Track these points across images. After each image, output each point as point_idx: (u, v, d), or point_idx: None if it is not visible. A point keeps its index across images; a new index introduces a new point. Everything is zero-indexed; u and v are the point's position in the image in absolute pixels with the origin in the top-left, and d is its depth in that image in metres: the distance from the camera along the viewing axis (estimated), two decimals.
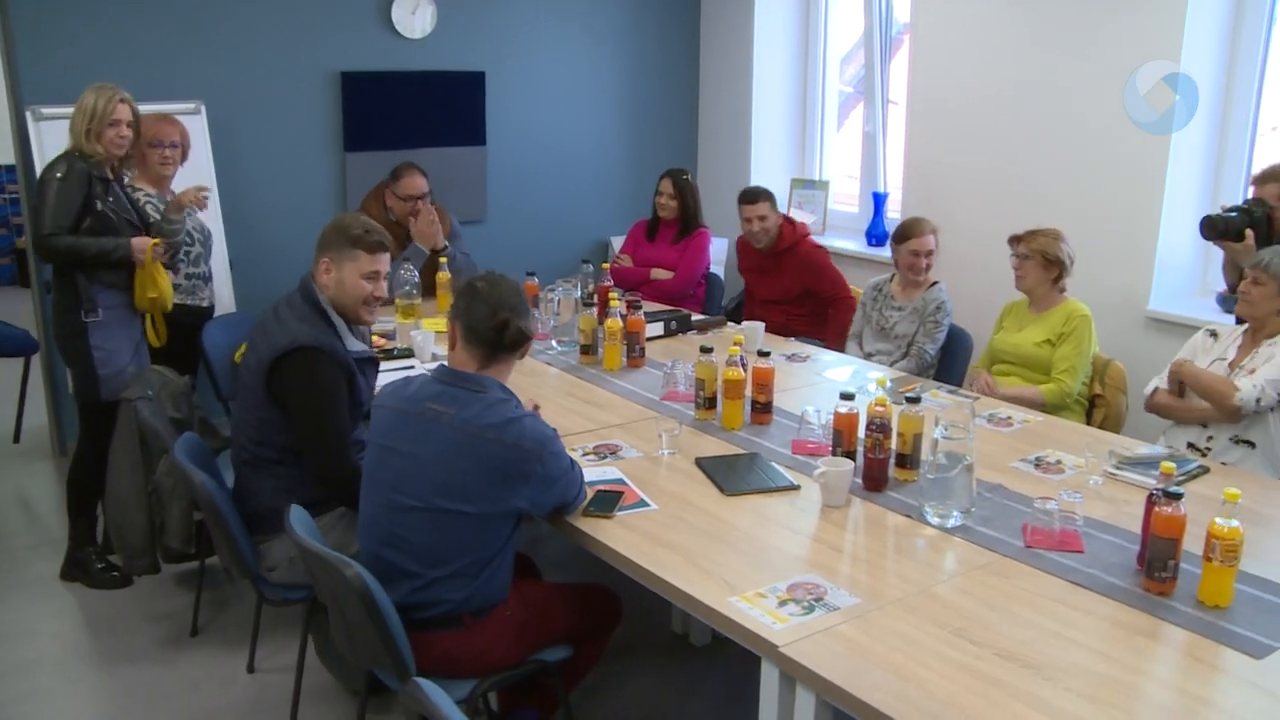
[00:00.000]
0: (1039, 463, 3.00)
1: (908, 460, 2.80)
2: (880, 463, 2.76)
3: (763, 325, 4.24)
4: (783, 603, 2.19)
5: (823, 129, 6.47)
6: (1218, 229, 3.59)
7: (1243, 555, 2.17)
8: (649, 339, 4.05)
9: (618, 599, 2.84)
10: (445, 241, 4.85)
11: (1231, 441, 3.30)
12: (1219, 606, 2.17)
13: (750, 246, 5.00)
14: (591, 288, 4.61)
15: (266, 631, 3.47)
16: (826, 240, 5.94)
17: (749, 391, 3.28)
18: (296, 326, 2.91)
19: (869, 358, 4.34)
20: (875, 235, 5.85)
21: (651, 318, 4.26)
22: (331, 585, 2.41)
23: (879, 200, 5.88)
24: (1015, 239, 3.92)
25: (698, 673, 3.45)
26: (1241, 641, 2.05)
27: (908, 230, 4.31)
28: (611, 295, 4.02)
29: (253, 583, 3.01)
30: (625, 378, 3.80)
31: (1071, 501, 2.52)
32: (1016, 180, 4.96)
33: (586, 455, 3.02)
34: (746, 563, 2.39)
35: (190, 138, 4.27)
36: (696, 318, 4.63)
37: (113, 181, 3.77)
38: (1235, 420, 3.28)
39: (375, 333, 4.26)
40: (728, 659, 3.47)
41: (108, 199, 3.70)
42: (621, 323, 3.89)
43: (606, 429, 3.27)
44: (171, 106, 4.57)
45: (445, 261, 4.70)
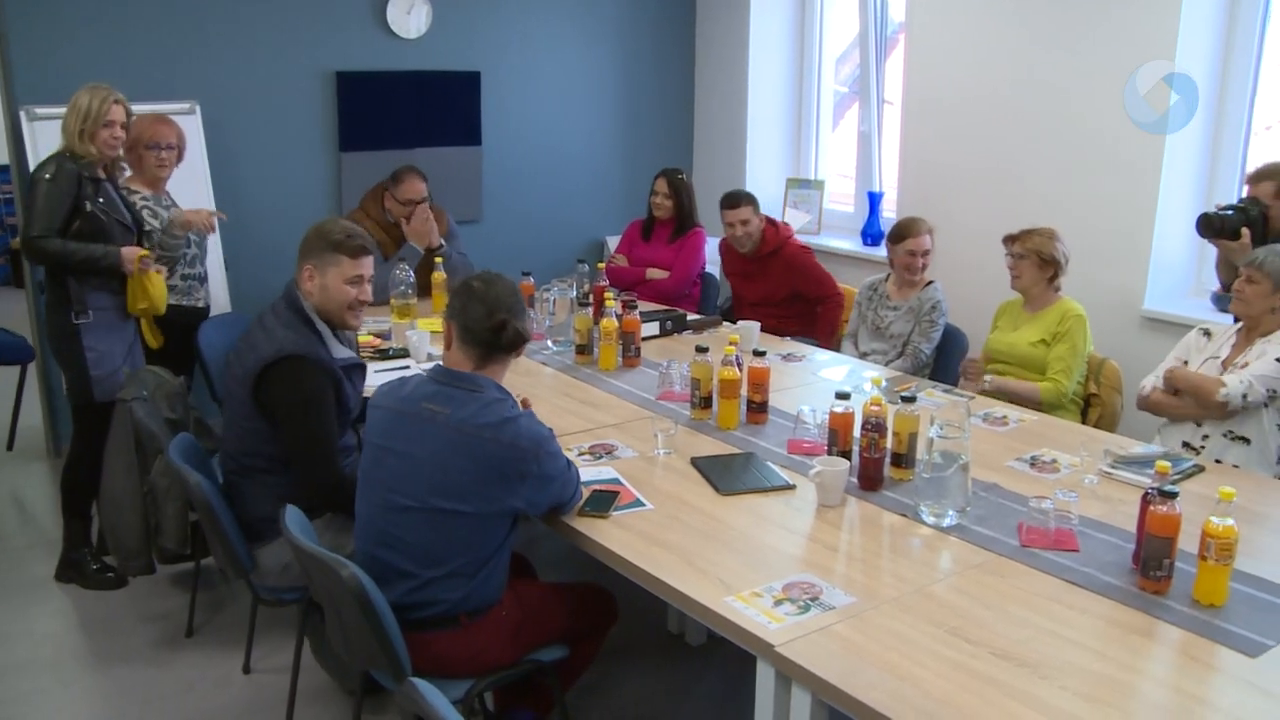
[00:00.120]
0: (1034, 462, 3.00)
1: (903, 459, 2.80)
2: (876, 462, 2.76)
3: (758, 325, 4.24)
4: (778, 602, 2.19)
5: (818, 128, 6.47)
6: (1214, 227, 3.60)
7: (1238, 554, 2.18)
8: (644, 339, 4.05)
9: (613, 599, 2.84)
10: (440, 240, 4.85)
11: (1226, 438, 3.30)
12: (1214, 605, 2.17)
13: (734, 250, 4.99)
14: (587, 287, 4.61)
15: (262, 632, 3.47)
16: (822, 240, 5.95)
17: (744, 391, 3.28)
18: (282, 335, 2.90)
19: (864, 357, 4.35)
20: (870, 235, 5.85)
21: (647, 317, 4.26)
22: (327, 585, 2.41)
23: (874, 200, 5.89)
24: (1010, 238, 3.92)
25: (693, 672, 3.45)
26: (1236, 640, 2.05)
27: (904, 230, 4.32)
28: (607, 295, 4.02)
29: (248, 583, 3.01)
30: (621, 377, 3.80)
31: (1067, 500, 2.53)
32: (1011, 179, 4.96)
33: (582, 455, 3.02)
34: (742, 562, 2.39)
35: (186, 139, 4.26)
36: (692, 317, 4.63)
37: (104, 182, 3.75)
38: (1225, 416, 3.29)
39: (371, 333, 4.26)
40: (723, 658, 3.47)
41: (98, 200, 3.68)
42: (617, 322, 3.88)
43: (602, 429, 3.27)
44: (166, 106, 4.56)
45: (440, 261, 4.70)
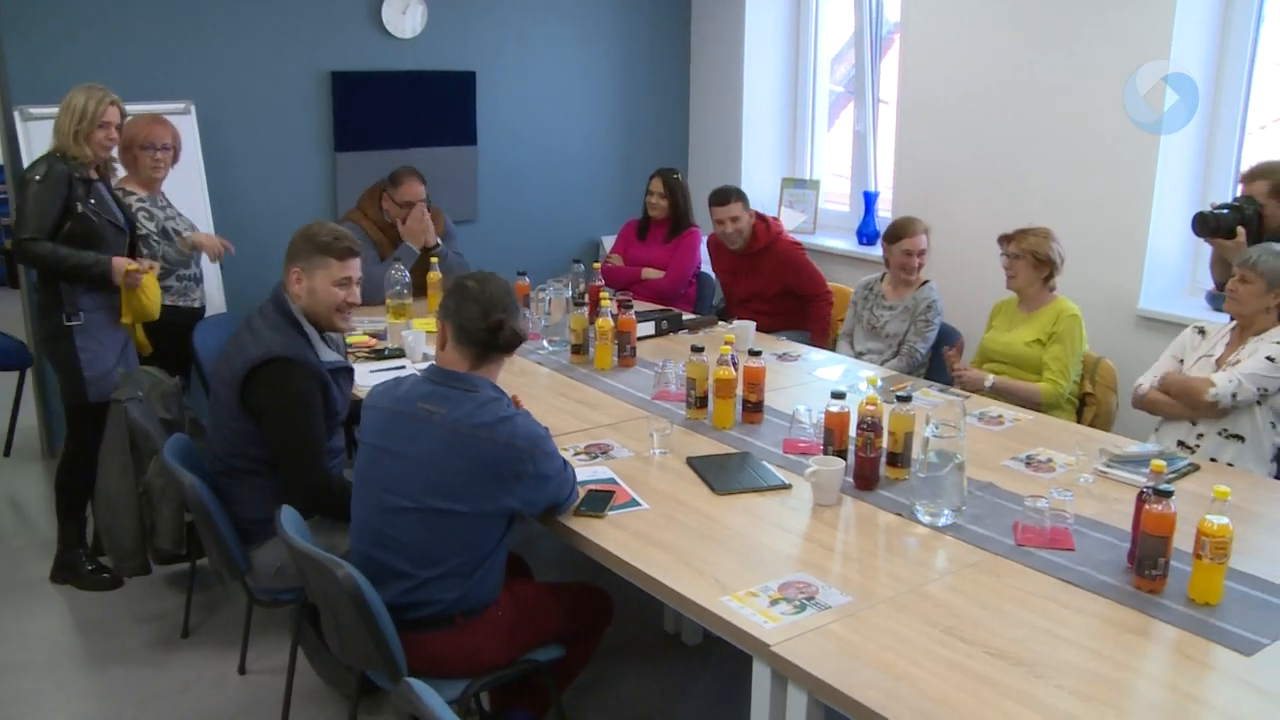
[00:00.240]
0: (1030, 461, 3.00)
1: (899, 459, 2.80)
2: (871, 461, 2.77)
3: (754, 324, 4.24)
4: (774, 602, 2.19)
5: (813, 128, 6.47)
6: (1210, 226, 3.60)
7: (1232, 552, 2.18)
8: (640, 338, 4.05)
9: (609, 598, 2.84)
10: (436, 240, 4.84)
11: (1220, 436, 3.31)
12: (1209, 604, 2.17)
13: (724, 246, 4.99)
14: (582, 287, 4.61)
15: (258, 633, 3.46)
16: (817, 239, 5.95)
17: (740, 391, 3.28)
18: (269, 337, 2.90)
19: (860, 356, 4.35)
20: (866, 234, 5.86)
21: (642, 317, 4.26)
22: (323, 586, 2.40)
23: (870, 199, 5.89)
24: (1005, 238, 3.93)
25: (689, 672, 3.45)
26: (1231, 638, 2.06)
27: (900, 230, 4.32)
28: (603, 295, 4.02)
29: (243, 584, 3.00)
30: (616, 377, 3.80)
31: (1062, 500, 2.53)
32: (1007, 179, 4.97)
33: (578, 455, 3.02)
34: (738, 562, 2.39)
35: (182, 139, 4.24)
36: (687, 317, 4.63)
37: (96, 183, 3.73)
38: (1218, 415, 3.29)
39: (366, 332, 4.26)
40: (719, 658, 3.48)
41: (89, 201, 3.66)
42: (613, 322, 3.89)
43: (598, 429, 3.27)
44: (161, 106, 4.55)
45: (436, 261, 4.70)
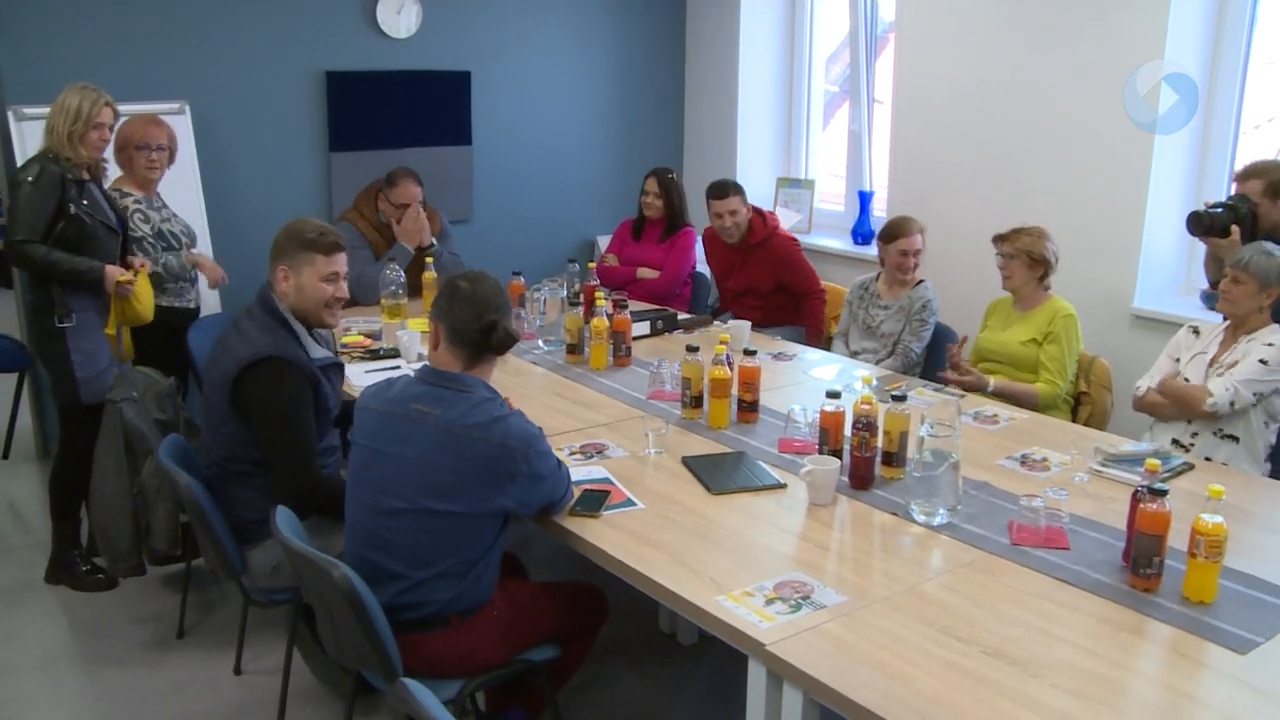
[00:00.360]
0: (1025, 460, 3.01)
1: (894, 458, 2.80)
2: (866, 461, 2.77)
3: (749, 324, 4.24)
4: (770, 601, 2.19)
5: (808, 128, 6.47)
6: (1204, 225, 3.60)
7: (1227, 551, 2.18)
8: (635, 338, 4.05)
9: (604, 598, 2.83)
10: (430, 240, 4.84)
11: (1215, 436, 3.32)
12: (1204, 602, 2.18)
13: (719, 241, 4.99)
14: (577, 287, 4.61)
15: (253, 633, 3.46)
16: (812, 239, 5.95)
17: (735, 390, 3.28)
18: (258, 337, 2.89)
19: (855, 356, 4.35)
20: (861, 234, 5.86)
21: (638, 317, 4.25)
22: (319, 586, 2.40)
23: (864, 199, 5.89)
24: (1000, 238, 3.93)
25: (685, 671, 3.46)
26: (1226, 637, 2.06)
27: (895, 230, 4.32)
28: (598, 294, 4.02)
29: (239, 585, 3.00)
30: (611, 377, 3.80)
31: (1057, 499, 2.53)
32: (1002, 178, 4.97)
33: (573, 455, 3.02)
34: (733, 561, 2.39)
35: (178, 140, 4.23)
36: (683, 317, 4.63)
37: (88, 183, 3.71)
38: (1216, 418, 3.30)
39: (361, 333, 4.26)
40: (715, 658, 3.48)
41: (82, 202, 3.64)
42: (608, 322, 3.88)
43: (593, 428, 3.27)
44: (155, 106, 4.55)
45: (431, 261, 4.69)
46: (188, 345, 4.16)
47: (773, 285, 4.88)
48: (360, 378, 3.62)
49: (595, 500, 2.67)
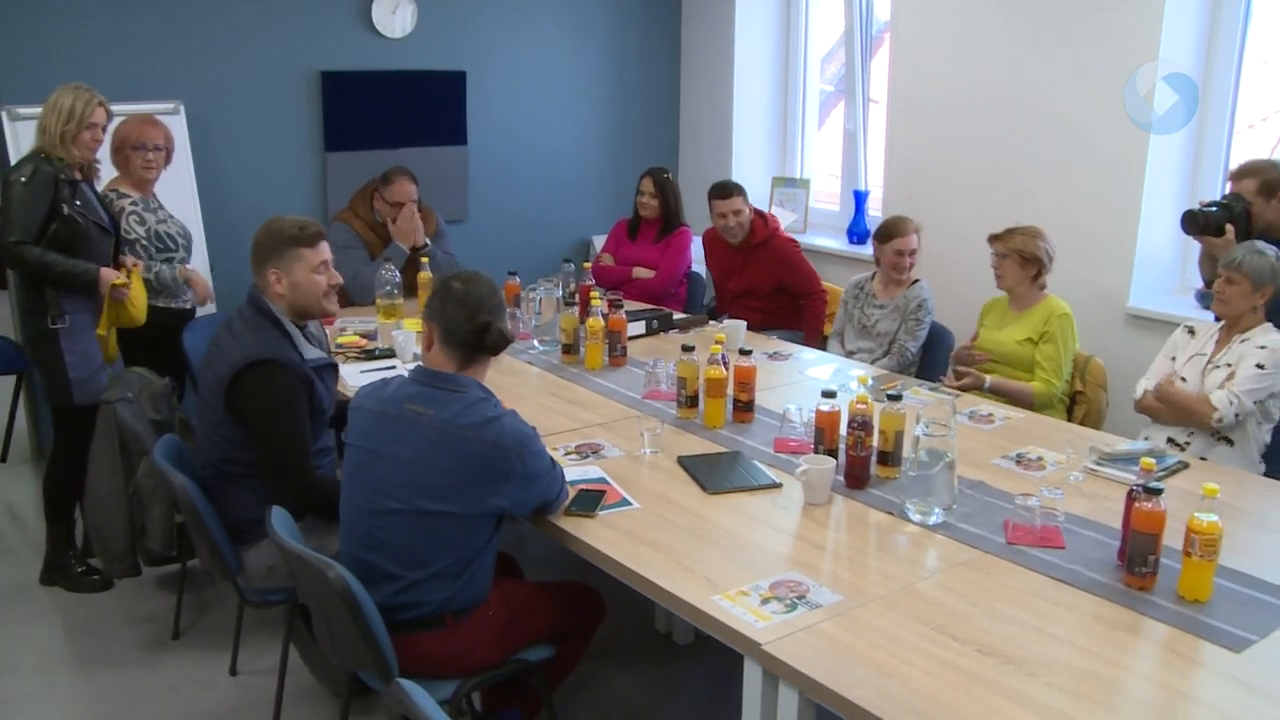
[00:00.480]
0: (1020, 459, 3.01)
1: (889, 458, 2.80)
2: (862, 460, 2.77)
3: (744, 324, 4.24)
4: (765, 600, 2.19)
5: (804, 127, 6.47)
6: (1199, 224, 3.61)
7: (1222, 550, 2.19)
8: (631, 338, 4.05)
9: (600, 598, 2.83)
10: (425, 240, 4.84)
11: (1211, 437, 3.32)
12: (1199, 601, 2.18)
13: (720, 241, 4.99)
14: (573, 287, 4.61)
15: (249, 634, 3.45)
16: (808, 238, 5.95)
17: (731, 390, 3.28)
18: (251, 339, 2.89)
19: (850, 356, 4.35)
20: (856, 233, 5.86)
21: (633, 316, 4.25)
22: (314, 587, 2.40)
23: (860, 198, 5.89)
24: (994, 238, 3.93)
25: (681, 671, 3.46)
26: (1221, 635, 2.06)
27: (891, 229, 4.32)
28: (593, 294, 4.02)
29: (234, 585, 3.00)
30: (607, 377, 3.80)
31: (1052, 498, 2.54)
32: (997, 178, 4.98)
33: (569, 454, 3.02)
34: (729, 561, 2.39)
35: (174, 141, 4.22)
36: (678, 316, 4.63)
37: (81, 184, 3.70)
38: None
39: (357, 333, 4.25)
40: (711, 657, 3.48)
41: (75, 203, 3.63)
42: (603, 322, 3.88)
43: (588, 428, 3.27)
44: (150, 106, 4.54)
45: (426, 260, 4.69)
46: (183, 345, 4.15)
47: (773, 286, 4.88)
48: (355, 378, 3.62)
49: (590, 500, 2.67)
